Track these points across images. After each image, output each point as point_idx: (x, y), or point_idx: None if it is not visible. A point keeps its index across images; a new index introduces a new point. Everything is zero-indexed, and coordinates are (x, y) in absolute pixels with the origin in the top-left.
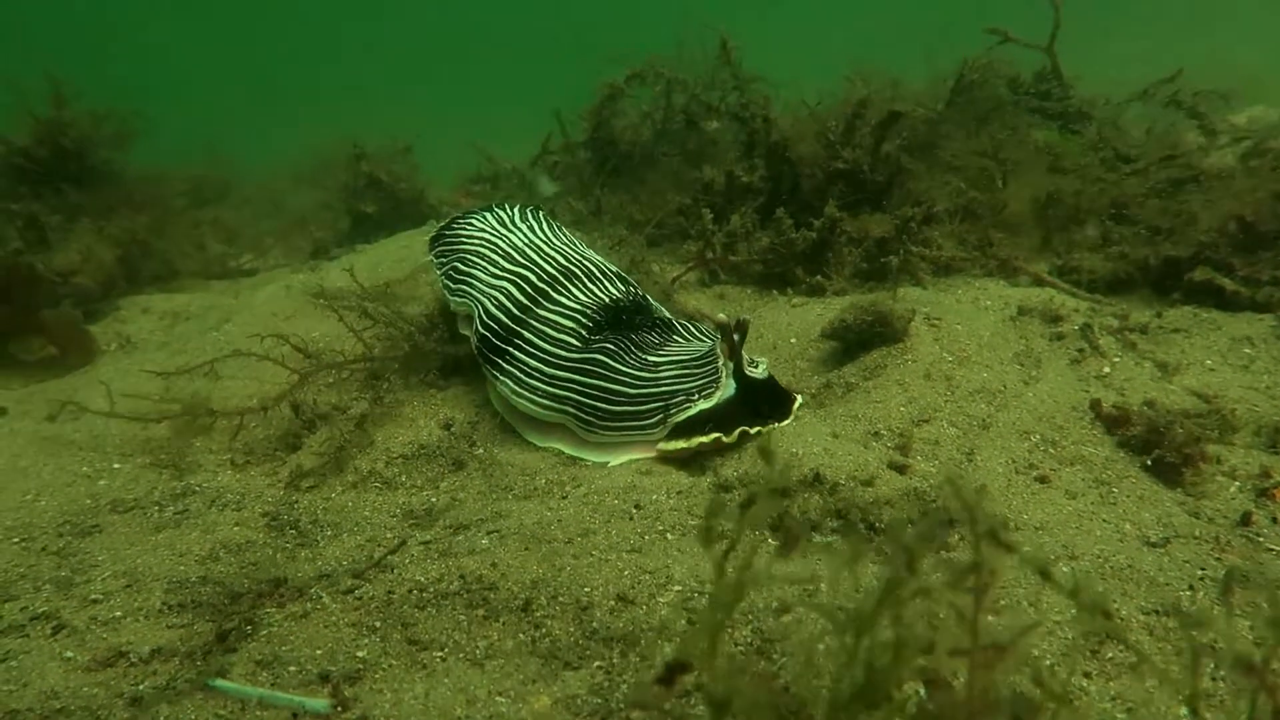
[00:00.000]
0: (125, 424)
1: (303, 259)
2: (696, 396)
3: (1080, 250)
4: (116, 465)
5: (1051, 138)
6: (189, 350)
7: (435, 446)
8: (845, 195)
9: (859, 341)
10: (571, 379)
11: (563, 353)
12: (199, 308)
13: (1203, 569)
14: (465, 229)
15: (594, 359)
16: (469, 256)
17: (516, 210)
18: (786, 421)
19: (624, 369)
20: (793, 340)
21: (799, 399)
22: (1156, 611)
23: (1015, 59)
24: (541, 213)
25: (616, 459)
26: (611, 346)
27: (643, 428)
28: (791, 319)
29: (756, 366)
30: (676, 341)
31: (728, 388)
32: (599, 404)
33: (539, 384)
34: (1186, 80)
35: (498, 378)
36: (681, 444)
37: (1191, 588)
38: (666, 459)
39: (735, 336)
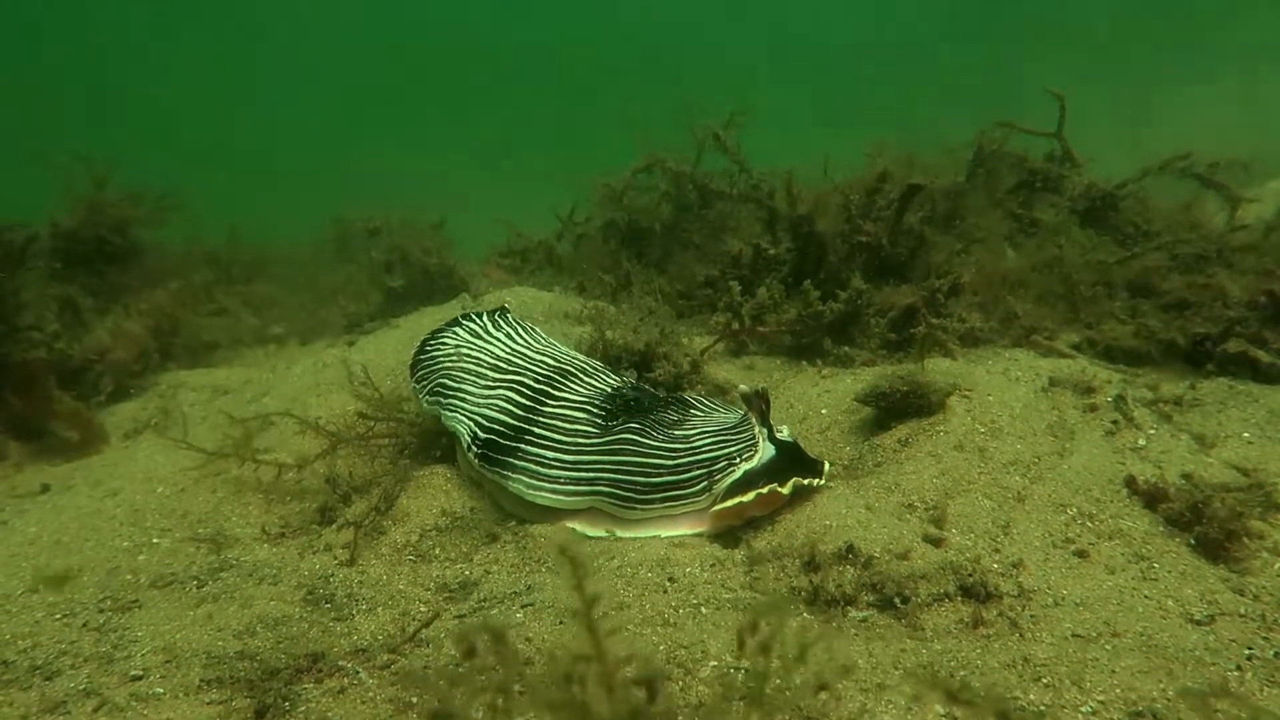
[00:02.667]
0: (164, 498)
1: (336, 332)
2: (739, 459)
3: (1109, 322)
4: (156, 540)
5: (1061, 225)
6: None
7: (468, 519)
8: (869, 267)
9: (891, 410)
10: (599, 461)
11: (582, 440)
12: (237, 382)
13: (1250, 649)
14: (441, 347)
15: (622, 438)
16: (454, 373)
17: (488, 319)
18: (822, 480)
19: (655, 443)
20: (824, 411)
21: (826, 463)
22: (1204, 692)
23: (1029, 143)
24: (511, 316)
25: (662, 532)
26: (637, 425)
27: (687, 496)
28: (822, 390)
29: (781, 431)
30: (695, 415)
31: (766, 450)
32: (637, 478)
33: (561, 472)
34: (1210, 151)
35: (509, 477)
36: (739, 498)
37: (1239, 668)
38: (719, 524)
39: (761, 404)
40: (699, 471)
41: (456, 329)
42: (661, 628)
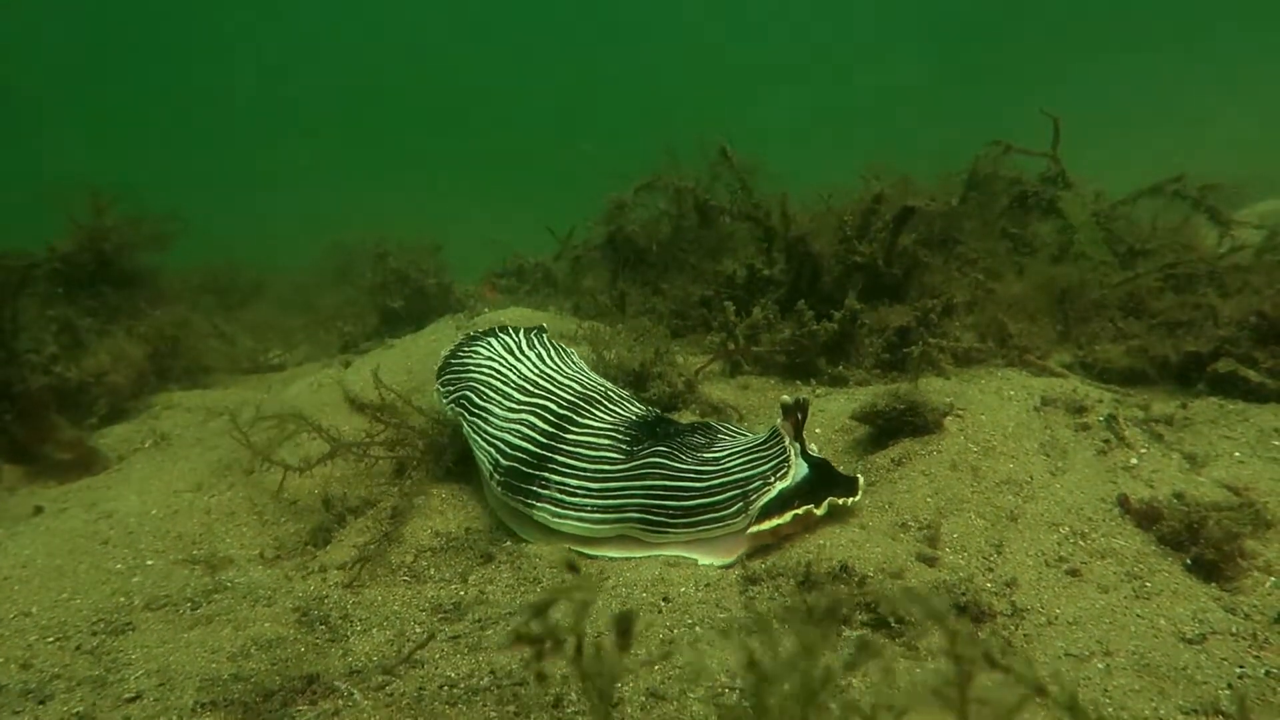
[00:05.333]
0: (158, 520)
1: (331, 354)
2: (773, 479)
3: (1101, 342)
4: (150, 562)
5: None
6: (222, 446)
7: (463, 539)
8: (864, 287)
9: (887, 428)
10: (627, 487)
11: (608, 468)
12: (231, 403)
13: (1241, 667)
14: (473, 356)
15: (650, 463)
16: (481, 389)
17: (523, 336)
18: (858, 498)
19: (685, 466)
20: (817, 430)
21: (860, 478)
22: (1195, 711)
23: (1022, 164)
24: (546, 336)
25: (704, 559)
26: (664, 449)
27: (721, 519)
28: (816, 410)
29: (810, 448)
30: (723, 439)
31: (800, 467)
32: (668, 503)
33: (588, 500)
34: (1200, 174)
35: (534, 505)
36: (775, 520)
37: (1230, 686)
38: (755, 545)
39: (798, 415)
40: (734, 493)
41: (491, 340)
42: (656, 647)
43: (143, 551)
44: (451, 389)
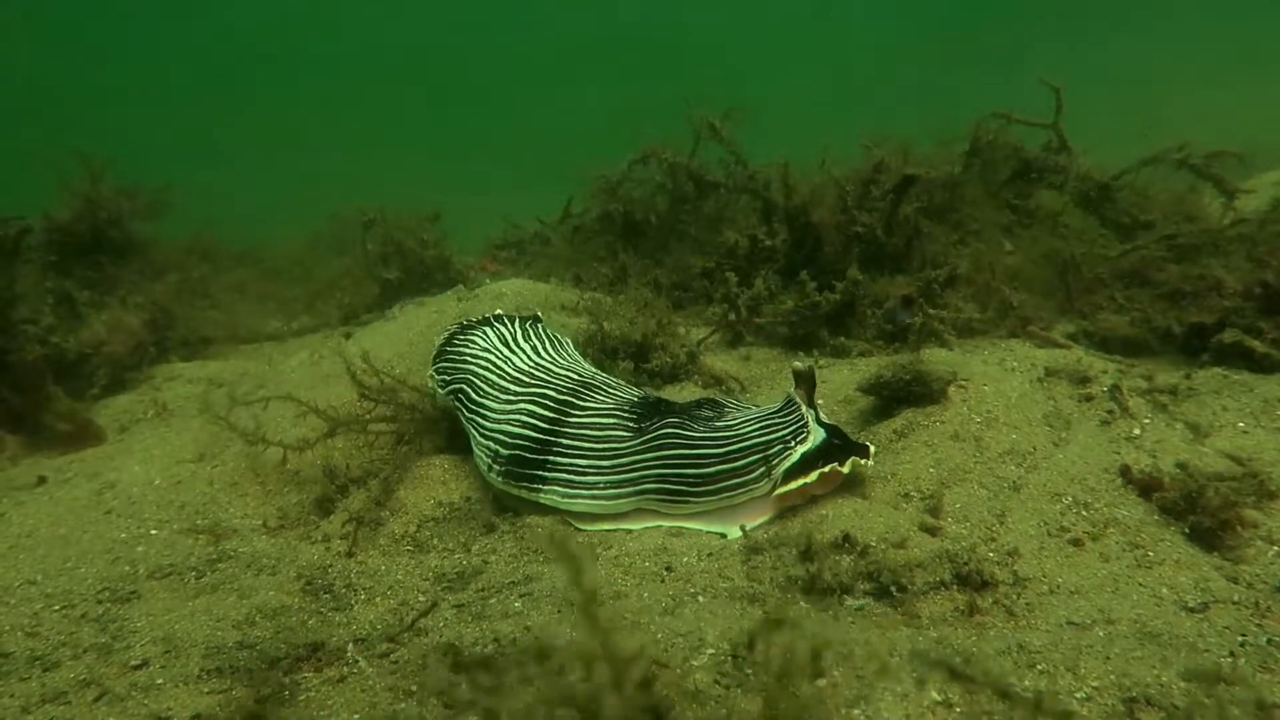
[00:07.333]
0: (161, 490)
1: (332, 325)
2: (793, 443)
3: (1105, 312)
4: (154, 531)
5: (1053, 202)
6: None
7: (466, 509)
8: (865, 258)
9: (893, 398)
10: (642, 460)
11: (618, 445)
12: (232, 375)
13: (1243, 635)
14: (470, 345)
15: (663, 435)
16: (477, 382)
17: (518, 326)
18: (871, 462)
19: (701, 436)
20: (820, 401)
21: (871, 446)
22: (1197, 678)
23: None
24: (541, 326)
25: (731, 530)
26: (676, 421)
27: (746, 484)
28: (818, 381)
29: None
30: (730, 411)
31: (818, 432)
32: (686, 472)
33: (599, 477)
34: (1204, 143)
35: (540, 489)
36: (802, 479)
37: (1232, 654)
38: (782, 506)
39: (808, 383)
40: (754, 458)
41: (487, 330)
42: (659, 616)
43: (147, 521)
44: (447, 378)
